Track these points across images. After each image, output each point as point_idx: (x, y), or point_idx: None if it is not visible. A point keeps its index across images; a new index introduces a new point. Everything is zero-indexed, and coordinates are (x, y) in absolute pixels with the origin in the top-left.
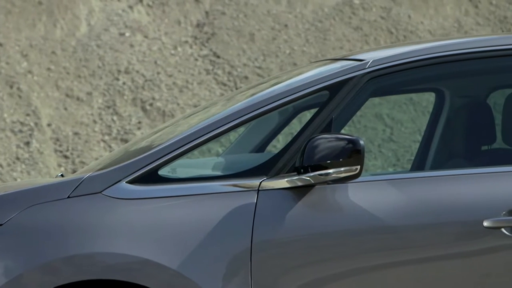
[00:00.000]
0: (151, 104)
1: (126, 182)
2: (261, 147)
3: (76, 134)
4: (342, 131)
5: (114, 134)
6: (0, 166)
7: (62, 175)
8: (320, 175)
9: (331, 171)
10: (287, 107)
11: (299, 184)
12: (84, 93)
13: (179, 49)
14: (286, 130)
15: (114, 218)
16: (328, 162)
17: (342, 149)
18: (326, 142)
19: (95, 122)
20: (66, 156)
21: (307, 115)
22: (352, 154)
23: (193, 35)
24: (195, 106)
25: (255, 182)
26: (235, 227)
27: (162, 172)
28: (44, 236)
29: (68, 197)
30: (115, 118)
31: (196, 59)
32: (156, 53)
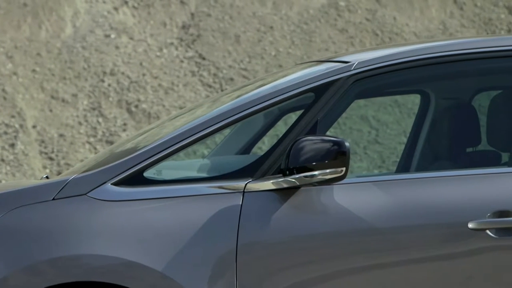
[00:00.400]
0: (136, 106)
1: (111, 184)
2: (246, 149)
3: (61, 136)
4: (328, 133)
5: (99, 136)
6: None
7: (47, 177)
8: (306, 177)
9: (316, 173)
10: (272, 109)
11: (285, 186)
12: (69, 94)
13: (165, 50)
14: (271, 132)
15: (99, 220)
16: (314, 164)
17: (328, 151)
18: (311, 144)
19: (80, 124)
20: (51, 158)
21: (293, 117)
22: (338, 156)
23: (178, 36)
24: (181, 108)
25: (240, 184)
26: (220, 229)
27: (148, 174)
28: (29, 238)
29: (53, 199)
30: (100, 120)
31: (182, 61)
32: (141, 54)
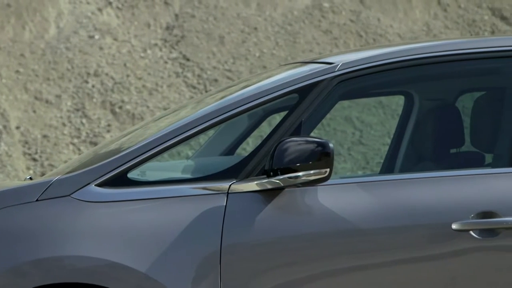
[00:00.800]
0: (120, 107)
1: (95, 185)
2: (230, 150)
3: (45, 137)
4: (312, 134)
5: (83, 137)
6: None
7: (31, 178)
8: (290, 178)
9: (300, 174)
10: (256, 110)
11: (269, 187)
12: (53, 95)
13: (149, 51)
14: (255, 133)
15: (83, 221)
16: (298, 165)
17: (312, 152)
18: (295, 145)
19: (64, 125)
20: (34, 159)
21: (277, 118)
22: (322, 157)
23: (162, 37)
24: (165, 109)
25: (224, 185)
26: (204, 230)
27: (132, 175)
28: (13, 239)
29: (37, 200)
30: (84, 121)
31: (166, 62)
32: (125, 55)
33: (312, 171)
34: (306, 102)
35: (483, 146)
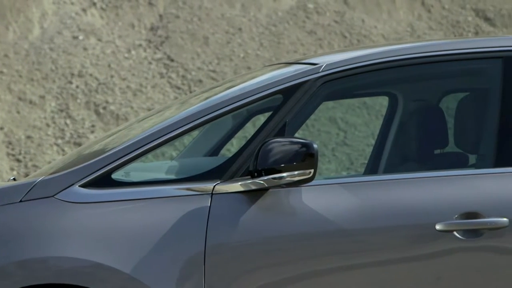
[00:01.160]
0: (104, 108)
1: (79, 186)
2: (215, 151)
3: (28, 137)
4: (296, 135)
5: (67, 137)
6: None
7: (15, 179)
8: (274, 178)
9: (284, 174)
10: (241, 111)
11: (253, 187)
12: (37, 96)
13: (133, 52)
14: (240, 134)
15: (67, 222)
16: (282, 165)
17: (296, 152)
18: (280, 145)
19: (48, 125)
20: (18, 160)
21: (261, 118)
22: (306, 157)
23: (147, 38)
24: (149, 110)
25: (209, 186)
26: (188, 230)
27: (116, 175)
28: None
29: (21, 201)
30: (68, 121)
31: (150, 63)
32: (109, 56)
33: (296, 172)
34: (290, 103)
35: (467, 147)
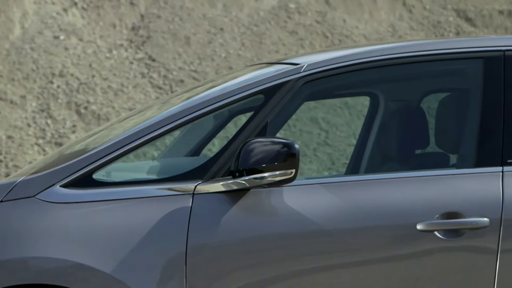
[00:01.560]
0: (85, 108)
1: (60, 186)
2: (196, 151)
3: (9, 137)
4: (278, 135)
5: (48, 137)
6: None
7: None
8: (255, 178)
9: (266, 174)
10: (222, 111)
11: (234, 187)
12: (17, 96)
13: (114, 52)
14: (221, 134)
15: (48, 222)
16: (263, 165)
17: (277, 152)
18: (261, 145)
19: (29, 125)
20: None
21: (243, 118)
22: (287, 157)
23: (128, 38)
24: (130, 110)
25: (190, 186)
26: (170, 231)
27: (97, 176)
28: None
29: (1, 201)
30: (49, 121)
31: (132, 63)
32: (91, 56)
33: (277, 172)
34: (272, 103)
35: (448, 147)
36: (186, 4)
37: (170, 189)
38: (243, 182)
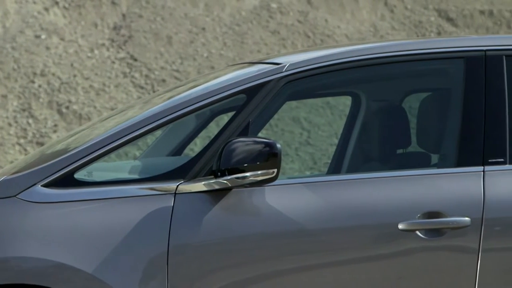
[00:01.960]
0: (67, 107)
1: (42, 186)
2: (178, 150)
3: None
4: (259, 135)
5: (29, 137)
6: None
7: None
8: (237, 178)
9: (248, 174)
10: (204, 111)
11: (216, 187)
12: None
13: (96, 51)
14: (203, 134)
15: (29, 222)
16: (245, 165)
17: (259, 152)
18: (243, 145)
19: (10, 125)
20: None
21: (225, 118)
22: (269, 157)
23: (110, 37)
24: (112, 109)
25: (172, 186)
26: (152, 230)
27: (78, 175)
28: None
29: None
30: (30, 121)
31: (113, 62)
32: (72, 55)
33: (259, 172)
34: (253, 103)
35: (429, 146)
36: (168, 3)
37: (152, 188)
38: (225, 182)
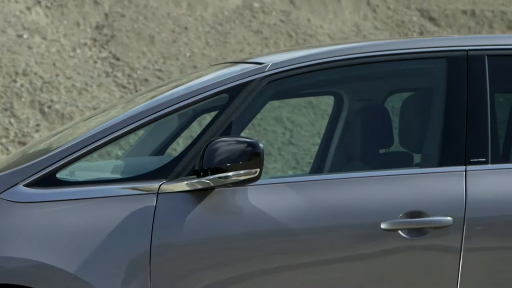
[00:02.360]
0: (49, 107)
1: (24, 185)
2: (160, 150)
3: None
4: (242, 134)
5: (11, 136)
6: None
7: None
8: (220, 178)
9: (230, 174)
10: (187, 110)
11: (199, 187)
12: None
13: (78, 51)
14: (186, 133)
15: (11, 221)
16: (228, 165)
17: (242, 152)
18: (225, 145)
19: None
20: None
21: (207, 118)
22: (252, 157)
23: (92, 37)
24: (94, 109)
25: (154, 185)
26: (134, 230)
27: (60, 175)
28: None
29: None
30: (12, 120)
31: (96, 61)
32: (54, 55)
33: (242, 171)
34: (236, 102)
35: (412, 146)
36: (151, 3)
37: (134, 188)
38: (208, 182)
